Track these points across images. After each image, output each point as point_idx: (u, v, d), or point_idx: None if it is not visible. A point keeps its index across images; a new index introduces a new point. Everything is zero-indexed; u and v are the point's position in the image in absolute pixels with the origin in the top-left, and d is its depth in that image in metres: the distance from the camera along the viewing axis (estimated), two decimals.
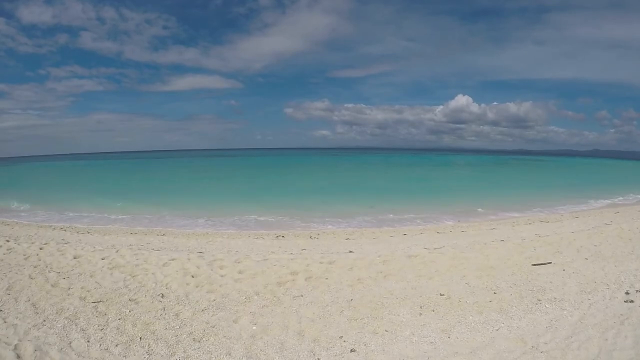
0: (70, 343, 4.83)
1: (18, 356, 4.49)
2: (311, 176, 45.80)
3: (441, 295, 6.13)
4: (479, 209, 18.80)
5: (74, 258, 8.39)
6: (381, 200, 21.41)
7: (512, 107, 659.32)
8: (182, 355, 4.58)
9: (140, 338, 4.97)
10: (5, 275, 7.38)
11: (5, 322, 5.43)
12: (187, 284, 6.86)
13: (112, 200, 22.82)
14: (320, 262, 7.87)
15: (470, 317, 5.36)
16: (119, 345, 4.78)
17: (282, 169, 64.07)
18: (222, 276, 7.19)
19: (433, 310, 5.62)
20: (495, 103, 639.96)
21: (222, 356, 4.56)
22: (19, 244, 9.83)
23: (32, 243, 9.99)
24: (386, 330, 5.05)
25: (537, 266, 7.53)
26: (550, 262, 7.75)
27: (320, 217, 16.99)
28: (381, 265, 7.67)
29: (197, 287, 6.71)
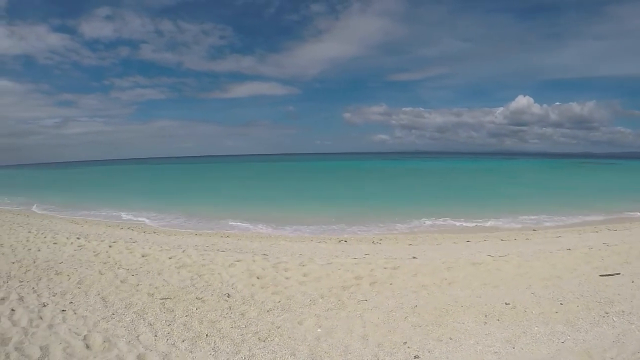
0: (138, 336, 5.33)
1: (87, 346, 5.05)
2: (371, 181, 45.98)
3: (506, 304, 6.09)
4: (543, 216, 18.23)
5: (142, 256, 9.15)
6: (443, 206, 21.15)
7: (575, 107, 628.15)
8: (247, 354, 4.90)
9: (207, 335, 5.37)
10: (76, 270, 8.28)
11: (75, 313, 6.09)
12: (252, 284, 7.28)
13: (175, 202, 24.38)
14: (384, 267, 8.02)
15: (536, 328, 5.31)
16: (185, 341, 5.20)
17: (341, 173, 64.51)
18: (287, 278, 7.55)
19: (498, 320, 5.61)
20: (557, 103, 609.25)
21: (286, 357, 4.82)
22: (88, 242, 10.89)
23: (102, 241, 11.01)
24: (450, 338, 5.12)
25: (604, 277, 7.25)
26: (619, 273, 7.42)
27: (381, 222, 17.26)
28: (445, 272, 7.71)
29: (262, 288, 7.10)
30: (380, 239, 13.58)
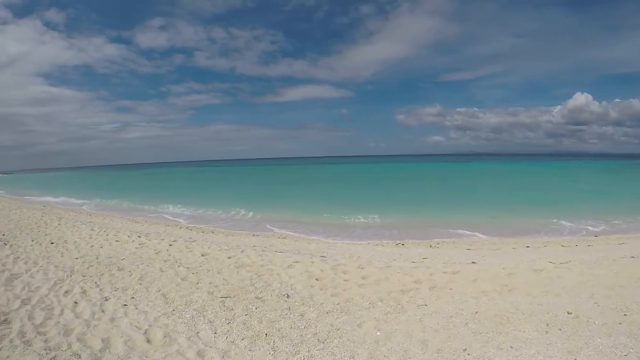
0: (198, 333, 5.43)
1: (148, 340, 5.21)
2: (426, 184, 45.14)
3: (568, 313, 5.83)
4: (605, 221, 17.29)
5: (202, 255, 9.36)
6: (501, 210, 20.52)
7: (637, 104, 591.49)
8: (307, 354, 4.89)
9: (266, 334, 5.40)
10: (138, 267, 8.60)
11: (136, 308, 6.30)
12: (311, 286, 7.29)
13: (233, 202, 24.88)
14: (443, 272, 7.87)
15: (599, 340, 5.05)
16: (245, 339, 5.24)
17: (396, 176, 63.77)
18: (345, 281, 7.52)
19: (560, 329, 5.38)
20: (617, 100, 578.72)
21: (345, 359, 4.78)
22: (149, 240, 11.28)
23: (162, 239, 11.37)
24: (511, 347, 4.95)
25: None
26: None
27: (438, 226, 16.90)
28: (506, 278, 7.48)
29: (321, 289, 7.10)
30: (438, 243, 13.41)
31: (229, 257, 9.14)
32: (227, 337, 5.30)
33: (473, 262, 8.94)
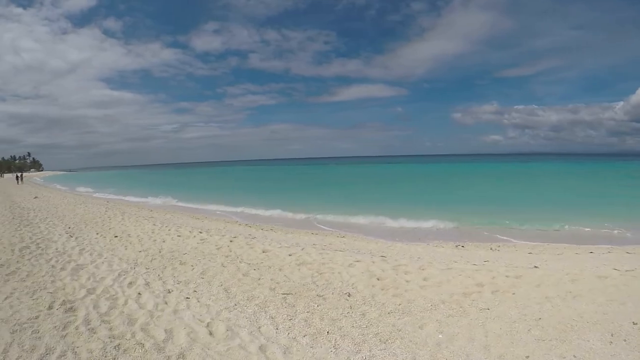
0: (259, 328, 5.46)
1: (210, 333, 5.29)
2: (485, 184, 43.89)
3: (634, 324, 5.50)
4: None
5: (263, 252, 9.46)
6: (562, 213, 19.60)
7: None
8: (368, 354, 4.82)
9: (328, 332, 5.36)
10: (200, 262, 8.80)
11: (199, 301, 6.42)
12: (372, 285, 7.21)
13: (289, 201, 25.22)
14: (506, 276, 7.62)
15: None
16: (306, 336, 5.23)
17: (453, 176, 62.52)
18: (407, 281, 7.40)
19: (624, 340, 5.08)
20: None
21: None
22: (210, 236, 11.53)
23: (223, 236, 11.59)
24: (574, 356, 4.72)
25: None
26: None
27: (498, 228, 16.43)
28: (569, 285, 7.16)
29: (382, 289, 7.01)
30: (499, 246, 13.05)
31: (289, 255, 9.18)
32: (288, 334, 5.31)
33: (535, 267, 8.64)
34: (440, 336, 5.27)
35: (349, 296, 6.70)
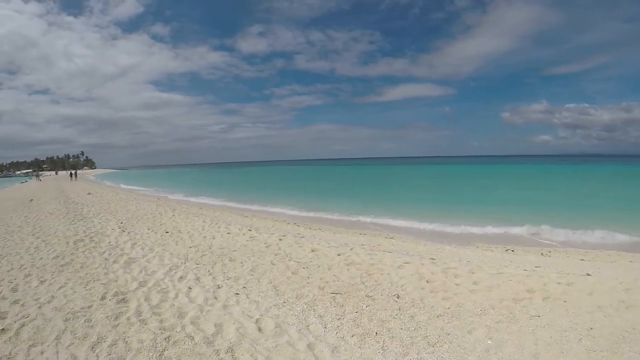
0: (308, 326, 5.49)
1: (259, 329, 5.35)
2: (533, 186, 42.49)
3: None
4: None
5: (312, 251, 9.49)
6: (616, 219, 18.70)
7: None
8: (416, 357, 4.76)
9: (376, 333, 5.33)
10: (249, 259, 8.92)
11: (248, 298, 6.51)
12: (421, 288, 7.12)
13: (335, 201, 25.28)
14: (557, 283, 7.37)
15: None
16: (354, 336, 5.22)
17: (501, 177, 60.91)
18: (456, 285, 7.27)
19: None
20: None
21: None
22: (259, 234, 11.66)
23: (272, 234, 11.69)
24: None
25: None
26: None
27: (548, 233, 15.89)
28: (622, 294, 6.84)
29: (431, 292, 6.91)
30: (549, 251, 12.69)
31: (338, 254, 9.18)
32: (337, 333, 5.31)
33: (588, 274, 8.35)
34: (489, 342, 5.18)
35: (397, 298, 6.65)
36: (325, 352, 4.75)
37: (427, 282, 7.42)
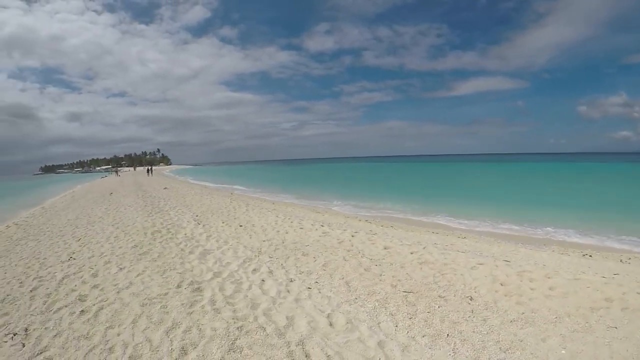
0: (379, 324, 5.50)
1: (331, 324, 5.43)
2: (616, 187, 39.93)
3: None
4: None
5: (384, 248, 9.46)
6: None
7: None
8: None
9: (447, 335, 5.26)
10: (321, 254, 9.04)
11: (320, 292, 6.61)
12: (495, 291, 6.94)
13: (405, 198, 25.00)
14: (637, 292, 6.96)
15: None
16: (425, 337, 5.17)
17: (580, 176, 57.71)
18: (531, 289, 7.03)
19: None
20: None
21: None
22: (332, 230, 11.76)
23: (344, 230, 11.76)
24: None
25: None
26: None
27: (628, 238, 14.83)
28: None
29: (505, 296, 6.73)
30: (629, 258, 11.99)
31: (411, 253, 9.11)
32: (407, 332, 5.29)
33: None
34: (563, 352, 4.99)
35: (470, 300, 6.53)
36: (395, 351, 4.76)
37: (501, 284, 7.25)
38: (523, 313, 6.05)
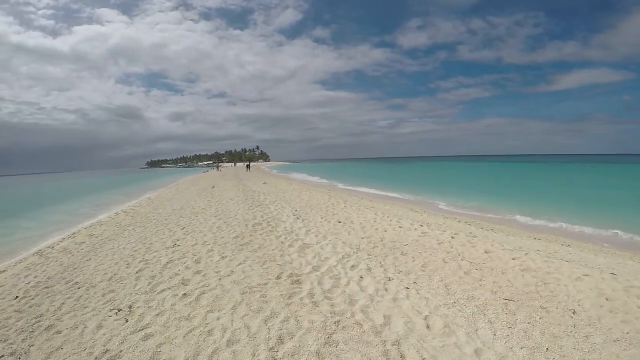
0: (477, 330, 5.43)
1: (427, 326, 5.44)
2: None
3: None
4: None
5: (485, 252, 9.27)
6: None
7: None
8: None
9: (547, 349, 5.09)
10: (420, 254, 9.02)
11: (418, 293, 6.61)
12: (600, 306, 6.59)
13: (505, 200, 24.40)
14: None
15: None
16: (524, 349, 5.04)
17: None
18: (639, 307, 6.61)
19: None
20: None
21: None
22: (431, 230, 11.66)
23: (444, 231, 11.62)
24: None
25: None
26: None
27: None
28: None
29: (610, 312, 6.37)
30: None
31: (513, 258, 8.87)
32: (506, 342, 5.18)
33: None
34: None
35: (573, 313, 6.26)
36: None
37: (607, 299, 6.87)
38: (628, 333, 5.72)
